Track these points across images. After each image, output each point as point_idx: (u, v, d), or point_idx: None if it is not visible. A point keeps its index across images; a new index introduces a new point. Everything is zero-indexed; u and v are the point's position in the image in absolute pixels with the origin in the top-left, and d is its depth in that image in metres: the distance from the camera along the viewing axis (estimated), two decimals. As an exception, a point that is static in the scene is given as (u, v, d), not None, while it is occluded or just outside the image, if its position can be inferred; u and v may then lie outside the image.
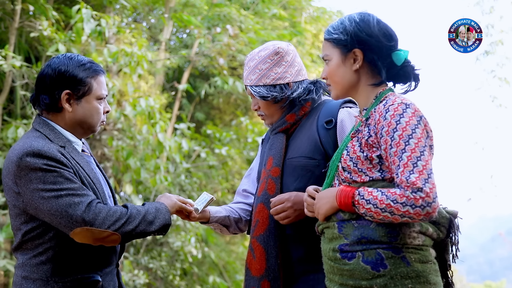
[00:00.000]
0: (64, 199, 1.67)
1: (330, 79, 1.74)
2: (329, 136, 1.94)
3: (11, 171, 1.71)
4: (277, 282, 1.91)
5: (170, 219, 1.82)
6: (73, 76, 1.79)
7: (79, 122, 1.84)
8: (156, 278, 6.57)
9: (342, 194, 1.58)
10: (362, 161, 1.60)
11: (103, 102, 1.87)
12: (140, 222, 1.75)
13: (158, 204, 1.84)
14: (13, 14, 5.12)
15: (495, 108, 8.74)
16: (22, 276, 1.74)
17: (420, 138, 1.52)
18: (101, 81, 1.86)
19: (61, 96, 1.79)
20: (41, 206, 1.68)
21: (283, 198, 1.89)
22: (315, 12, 9.30)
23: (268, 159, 2.05)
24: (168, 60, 6.88)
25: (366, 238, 1.56)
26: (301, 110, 2.04)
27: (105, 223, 1.69)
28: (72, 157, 1.78)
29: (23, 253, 1.75)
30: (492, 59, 8.58)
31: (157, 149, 5.61)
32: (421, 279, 1.53)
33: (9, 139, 4.81)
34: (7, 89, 5.20)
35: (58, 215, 1.67)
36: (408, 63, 1.68)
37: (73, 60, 1.82)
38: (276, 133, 2.08)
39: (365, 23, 1.67)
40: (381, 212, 1.50)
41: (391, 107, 1.57)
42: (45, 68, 1.82)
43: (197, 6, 7.88)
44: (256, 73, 2.04)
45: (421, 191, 1.46)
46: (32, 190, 1.68)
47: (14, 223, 1.76)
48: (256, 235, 1.97)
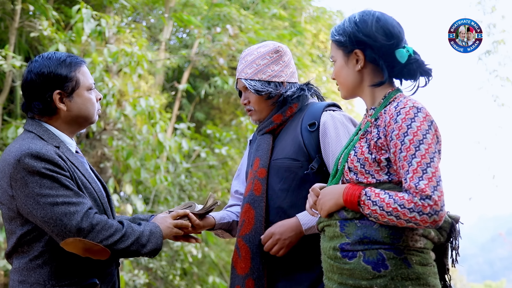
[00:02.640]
0: (60, 207, 1.64)
1: (337, 80, 1.75)
2: (312, 139, 1.97)
3: (7, 173, 1.67)
4: (261, 281, 1.94)
5: (161, 244, 1.81)
6: (57, 75, 1.76)
7: (76, 118, 1.81)
8: (156, 278, 6.57)
9: (349, 192, 1.57)
10: (370, 163, 1.59)
11: (93, 91, 1.85)
12: (133, 243, 1.73)
13: (153, 227, 1.82)
14: (13, 14, 5.12)
15: (497, 107, 8.75)
16: (19, 281, 1.69)
17: (430, 143, 1.50)
18: (85, 71, 1.83)
19: (53, 98, 1.76)
20: (34, 212, 1.64)
21: (269, 233, 1.93)
22: (315, 12, 9.30)
23: (254, 160, 2.07)
24: (168, 60, 6.87)
25: (368, 238, 1.55)
26: (288, 111, 2.07)
27: (99, 236, 1.66)
28: (67, 157, 1.76)
29: (18, 257, 1.71)
30: (494, 59, 8.58)
31: (157, 149, 5.60)
32: (421, 281, 1.53)
33: (9, 139, 4.81)
34: (7, 89, 5.20)
35: (52, 223, 1.63)
36: (413, 60, 1.65)
37: (52, 60, 1.78)
38: (263, 133, 2.10)
39: (363, 23, 1.65)
40: (386, 215, 1.49)
41: (403, 110, 1.55)
42: (27, 74, 1.78)
43: (197, 6, 7.88)
44: (253, 67, 2.06)
45: (430, 199, 1.44)
46: (27, 194, 1.64)
47: (9, 227, 1.71)
48: (242, 235, 2.00)
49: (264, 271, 1.95)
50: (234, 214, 2.17)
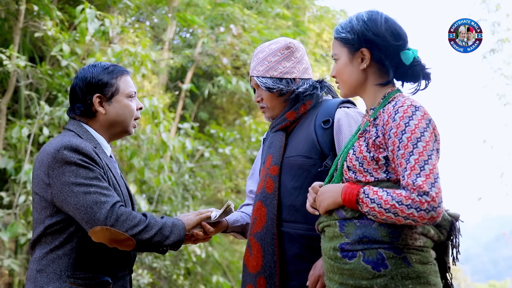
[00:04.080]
0: (92, 196, 1.74)
1: (338, 78, 1.74)
2: (325, 136, 1.95)
3: (45, 163, 1.78)
4: (273, 279, 1.92)
5: (184, 236, 1.88)
6: (99, 81, 1.91)
7: (113, 122, 1.93)
8: (160, 277, 6.58)
9: (347, 190, 1.58)
10: (368, 162, 1.59)
11: (133, 100, 1.97)
12: (156, 233, 1.80)
13: (175, 220, 1.90)
14: (18, 14, 5.13)
15: (502, 106, 8.73)
16: (37, 270, 1.77)
17: (428, 141, 1.51)
18: (127, 80, 1.97)
19: (93, 101, 1.90)
20: (68, 199, 1.74)
21: (315, 276, 1.85)
22: (318, 11, 9.30)
23: (267, 157, 2.06)
24: (172, 60, 6.89)
25: (367, 238, 1.55)
26: (302, 108, 2.05)
27: (124, 226, 1.75)
28: (102, 158, 1.87)
29: (40, 246, 1.79)
30: (498, 57, 8.56)
31: (161, 148, 5.62)
32: (421, 279, 1.53)
33: (14, 139, 4.83)
34: (12, 89, 5.22)
35: (83, 210, 1.73)
36: (417, 62, 1.66)
37: (97, 67, 1.94)
38: (275, 131, 2.09)
39: (373, 22, 1.65)
40: (384, 212, 1.50)
41: (401, 109, 1.56)
42: (74, 80, 1.96)
43: (200, 6, 7.89)
44: (264, 64, 2.05)
45: (427, 195, 1.45)
46: (63, 182, 1.75)
47: (39, 216, 1.80)
48: (253, 233, 1.99)
49: (276, 270, 1.92)
50: (248, 215, 2.16)
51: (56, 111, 4.94)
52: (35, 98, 5.21)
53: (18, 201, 4.75)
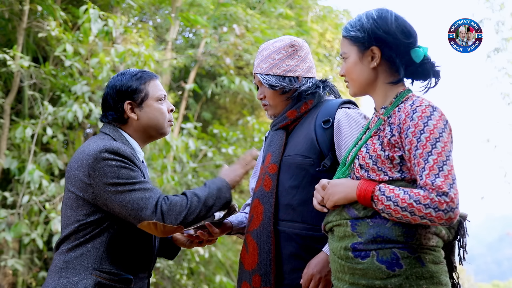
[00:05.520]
0: (137, 193, 1.79)
1: (347, 77, 1.73)
2: (325, 136, 1.95)
3: (85, 163, 1.81)
4: (268, 277, 1.92)
5: (230, 196, 1.92)
6: (128, 87, 1.95)
7: (146, 127, 1.97)
8: (163, 277, 6.59)
9: (363, 187, 1.56)
10: (383, 160, 1.57)
11: (164, 102, 2.00)
12: (200, 210, 1.84)
13: (219, 182, 1.93)
14: (21, 14, 5.14)
15: (506, 105, 8.70)
16: (64, 261, 1.81)
17: (446, 142, 1.50)
18: (156, 84, 2.00)
19: (124, 108, 1.95)
20: (113, 197, 1.78)
21: (309, 275, 1.87)
22: (321, 11, 9.29)
23: (266, 155, 2.06)
24: (175, 60, 6.89)
25: (382, 237, 1.54)
26: (303, 107, 2.05)
27: (169, 218, 1.80)
28: (138, 162, 1.91)
29: (69, 241, 1.83)
30: (502, 56, 8.55)
31: (164, 148, 5.62)
32: (434, 279, 1.52)
33: (17, 139, 4.84)
34: (15, 89, 5.23)
35: (130, 207, 1.78)
36: (427, 60, 1.65)
37: (126, 75, 1.99)
38: (276, 129, 2.09)
39: (383, 20, 1.64)
40: (400, 210, 1.48)
41: (419, 108, 1.54)
42: (105, 89, 2.01)
43: (204, 6, 7.89)
44: (268, 62, 2.05)
45: (446, 196, 1.44)
46: (104, 183, 1.79)
47: (73, 214, 1.83)
48: (250, 230, 1.99)
49: (272, 268, 1.93)
50: None
51: (60, 111, 4.95)
52: (39, 98, 5.22)
53: (21, 201, 4.76)
